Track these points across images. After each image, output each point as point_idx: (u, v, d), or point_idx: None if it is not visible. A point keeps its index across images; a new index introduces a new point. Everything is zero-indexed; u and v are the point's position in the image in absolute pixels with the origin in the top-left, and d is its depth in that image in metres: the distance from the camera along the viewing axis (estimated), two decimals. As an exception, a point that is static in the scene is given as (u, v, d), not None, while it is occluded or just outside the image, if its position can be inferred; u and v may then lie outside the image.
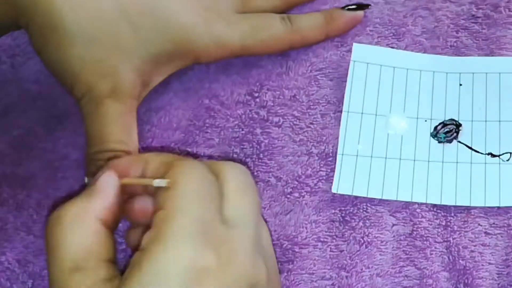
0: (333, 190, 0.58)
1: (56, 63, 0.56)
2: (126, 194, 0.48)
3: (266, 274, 0.45)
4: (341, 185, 0.58)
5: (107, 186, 0.46)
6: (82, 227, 0.44)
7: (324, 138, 0.60)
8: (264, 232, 0.48)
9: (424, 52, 0.63)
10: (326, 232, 0.57)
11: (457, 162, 0.58)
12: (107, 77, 0.56)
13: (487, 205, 0.57)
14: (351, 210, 0.58)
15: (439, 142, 0.59)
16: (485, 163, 0.58)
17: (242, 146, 0.61)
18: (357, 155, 0.59)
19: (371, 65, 0.62)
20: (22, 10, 0.55)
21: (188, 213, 0.43)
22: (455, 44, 0.63)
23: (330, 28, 0.63)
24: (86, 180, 0.52)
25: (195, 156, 0.61)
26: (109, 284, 0.43)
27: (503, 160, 0.58)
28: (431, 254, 0.56)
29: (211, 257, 0.42)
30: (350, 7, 0.64)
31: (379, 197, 0.57)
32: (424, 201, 0.57)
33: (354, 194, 0.58)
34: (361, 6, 0.64)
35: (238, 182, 0.46)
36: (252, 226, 0.45)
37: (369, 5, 0.64)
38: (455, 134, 0.59)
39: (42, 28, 0.55)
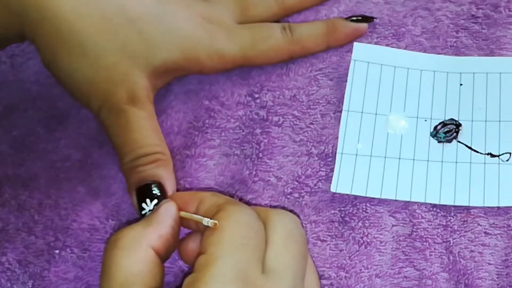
0: (332, 189, 0.58)
1: (68, 74, 0.56)
2: (184, 227, 0.49)
3: None
4: (340, 184, 0.58)
5: (165, 216, 0.48)
6: (135, 253, 0.46)
7: (324, 138, 0.60)
8: (310, 279, 0.48)
9: (424, 52, 0.63)
10: (325, 232, 0.57)
11: (456, 162, 0.58)
12: (121, 84, 0.56)
13: (486, 205, 0.57)
14: (350, 211, 0.58)
15: (439, 141, 0.59)
16: (485, 163, 0.58)
17: (242, 147, 0.61)
18: (356, 154, 0.59)
19: (371, 64, 0.62)
20: (28, 23, 0.56)
21: (227, 261, 0.43)
22: (455, 44, 0.63)
23: (331, 38, 0.63)
24: (146, 206, 0.53)
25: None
26: None
27: (502, 160, 0.58)
28: (430, 255, 0.56)
29: None
30: (354, 18, 0.63)
31: (378, 196, 0.57)
32: (423, 201, 0.57)
33: (353, 193, 0.58)
34: (365, 18, 0.64)
35: (285, 232, 0.46)
36: (291, 278, 0.45)
37: (374, 18, 0.64)
38: (454, 134, 0.59)
39: (50, 40, 0.56)
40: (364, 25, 0.63)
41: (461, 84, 0.61)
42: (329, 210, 0.58)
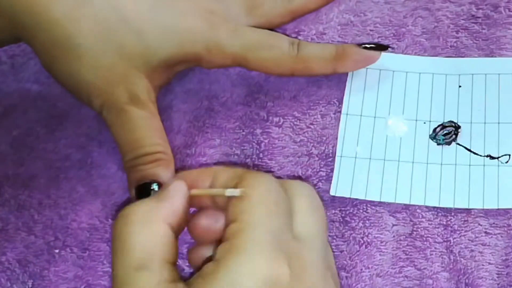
0: (331, 193, 0.58)
1: (68, 77, 0.56)
2: (194, 206, 0.48)
3: None
4: (339, 187, 0.58)
5: (176, 192, 0.47)
6: (149, 227, 0.44)
7: (324, 138, 0.61)
8: (329, 252, 0.48)
9: (424, 53, 0.63)
10: (326, 232, 0.57)
11: (455, 164, 0.58)
12: (120, 85, 0.56)
13: (485, 207, 0.57)
14: (351, 211, 0.58)
15: (438, 144, 0.59)
16: (484, 165, 0.58)
17: (242, 147, 0.61)
18: (355, 157, 0.59)
19: (370, 70, 0.62)
20: (22, 28, 0.55)
21: (261, 226, 0.43)
22: (455, 44, 0.63)
23: (339, 63, 0.60)
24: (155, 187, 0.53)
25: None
26: (172, 285, 0.43)
27: (501, 162, 0.58)
28: (431, 254, 0.56)
29: (284, 269, 0.42)
30: (367, 45, 0.61)
31: (377, 199, 0.57)
32: (423, 204, 0.57)
33: (352, 196, 0.58)
34: (379, 47, 0.61)
35: (307, 199, 0.46)
36: (322, 244, 0.45)
37: (388, 46, 0.62)
38: (454, 136, 0.59)
39: (46, 44, 0.56)
40: (376, 53, 0.61)
41: (459, 86, 0.61)
42: (330, 210, 0.58)
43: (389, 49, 0.63)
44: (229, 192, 0.44)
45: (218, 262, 0.42)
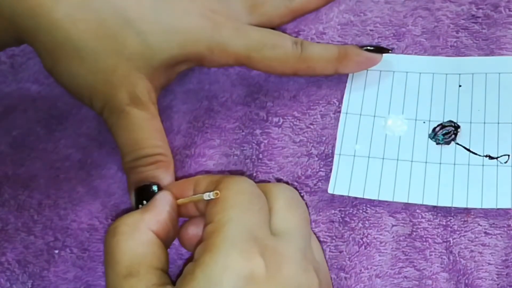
0: (329, 191, 0.58)
1: (69, 78, 0.56)
2: (183, 216, 0.50)
3: (318, 283, 0.46)
4: (338, 185, 0.58)
5: (161, 202, 0.49)
6: (135, 236, 0.47)
7: (324, 138, 0.60)
8: (315, 246, 0.49)
9: (424, 53, 0.63)
10: (325, 232, 0.57)
11: (454, 164, 0.58)
12: (121, 87, 0.56)
13: (483, 207, 0.56)
14: (350, 211, 0.58)
15: (437, 143, 0.59)
16: (483, 165, 0.58)
17: (242, 148, 0.61)
18: (354, 155, 0.59)
19: (370, 71, 0.62)
20: (24, 30, 0.55)
21: (235, 223, 0.44)
22: (455, 44, 0.63)
23: (341, 64, 0.61)
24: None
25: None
26: None
27: (500, 163, 0.58)
28: (430, 255, 0.56)
29: (259, 264, 0.43)
30: (368, 47, 0.62)
31: (375, 198, 0.57)
32: (421, 203, 0.57)
33: (351, 194, 0.58)
34: (381, 50, 0.62)
35: (286, 199, 0.48)
36: (301, 238, 0.47)
37: (390, 49, 0.63)
38: (453, 135, 0.59)
39: (47, 46, 0.56)
40: (377, 56, 0.62)
41: (460, 86, 0.61)
42: (329, 210, 0.58)
43: (389, 51, 0.63)
44: (206, 195, 0.47)
45: (196, 262, 0.44)
